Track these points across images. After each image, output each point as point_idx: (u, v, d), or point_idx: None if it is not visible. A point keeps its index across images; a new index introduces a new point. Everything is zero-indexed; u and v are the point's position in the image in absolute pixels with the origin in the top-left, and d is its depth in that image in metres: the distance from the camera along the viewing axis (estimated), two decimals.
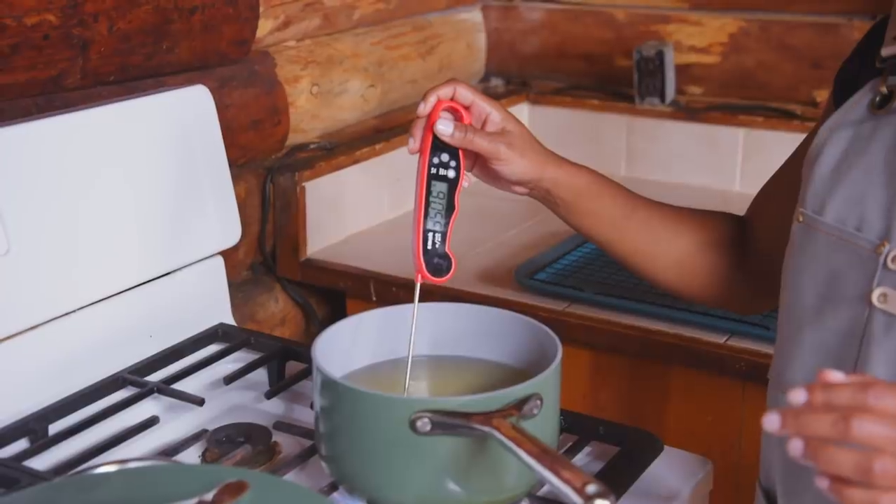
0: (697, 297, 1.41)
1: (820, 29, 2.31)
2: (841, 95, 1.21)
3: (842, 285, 1.10)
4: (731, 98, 2.43)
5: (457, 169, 1.23)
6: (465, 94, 1.25)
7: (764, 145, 2.32)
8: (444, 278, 1.23)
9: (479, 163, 1.29)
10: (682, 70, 2.44)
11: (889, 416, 0.80)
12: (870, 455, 0.78)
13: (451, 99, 1.24)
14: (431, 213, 1.22)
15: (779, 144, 2.27)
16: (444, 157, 1.23)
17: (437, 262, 1.22)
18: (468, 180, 1.26)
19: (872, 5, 2.24)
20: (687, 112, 2.41)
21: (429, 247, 1.22)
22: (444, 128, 1.21)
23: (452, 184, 1.23)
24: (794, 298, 1.17)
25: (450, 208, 1.23)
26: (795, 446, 0.82)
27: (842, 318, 1.10)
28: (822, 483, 0.80)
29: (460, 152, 1.23)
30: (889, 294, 1.05)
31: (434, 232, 1.22)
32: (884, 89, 1.12)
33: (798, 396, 0.83)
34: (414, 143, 1.23)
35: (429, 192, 1.22)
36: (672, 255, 1.38)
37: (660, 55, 2.38)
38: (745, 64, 2.40)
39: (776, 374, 1.20)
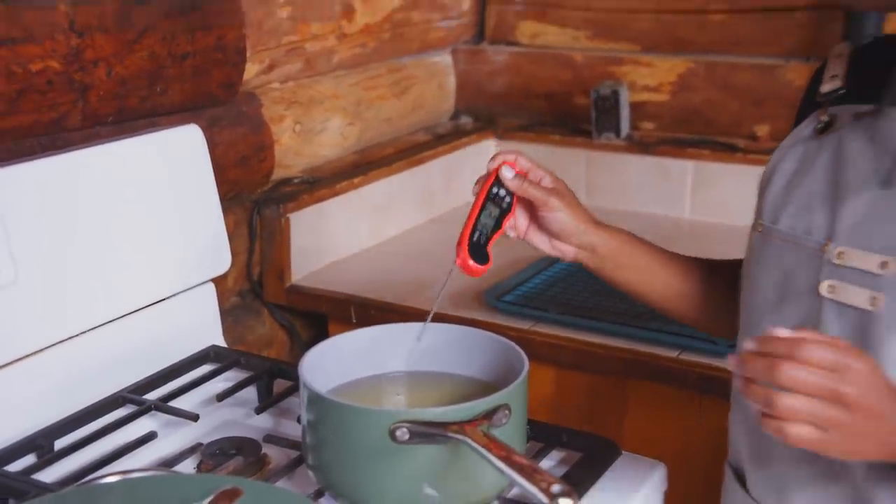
0: (692, 323, 1.45)
1: (760, 70, 2.33)
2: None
3: (795, 281, 1.16)
4: (680, 133, 2.44)
5: (510, 203, 1.29)
6: (524, 163, 1.32)
7: (711, 176, 2.35)
8: (481, 268, 1.28)
9: (531, 216, 1.33)
10: (635, 107, 2.45)
11: (814, 365, 0.93)
12: (779, 394, 0.94)
13: (514, 161, 1.30)
14: (480, 222, 1.27)
15: (724, 175, 2.32)
16: (502, 192, 1.28)
17: (479, 253, 1.27)
18: (512, 231, 1.32)
19: (807, 49, 2.27)
20: (640, 146, 2.43)
21: (474, 240, 1.26)
22: (507, 172, 1.28)
23: (504, 211, 1.28)
24: (754, 296, 1.22)
25: (496, 227, 1.28)
26: (736, 382, 0.99)
27: (798, 310, 1.15)
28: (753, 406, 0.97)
29: (515, 198, 1.29)
30: (836, 285, 1.11)
31: (482, 231, 1.27)
32: (825, 117, 1.20)
33: (749, 344, 0.97)
34: (477, 187, 1.29)
35: (482, 210, 1.27)
36: (679, 291, 1.41)
37: (615, 94, 2.39)
38: (692, 102, 2.42)
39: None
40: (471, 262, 1.26)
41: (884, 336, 1.08)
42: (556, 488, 0.96)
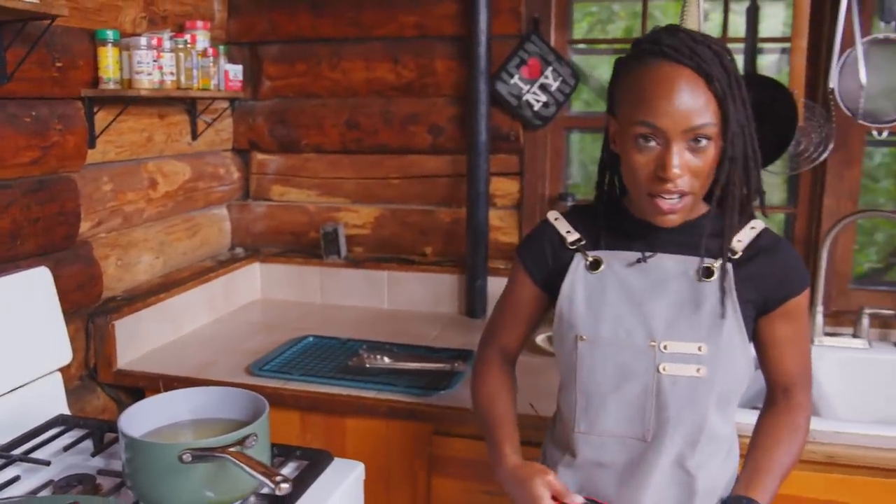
0: None
1: (423, 213, 2.43)
2: (533, 266, 1.27)
3: (632, 368, 1.16)
4: (378, 253, 2.49)
5: None
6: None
7: (399, 280, 2.44)
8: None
9: None
10: (350, 238, 2.50)
11: None
12: None
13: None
14: None
15: (407, 280, 2.41)
16: None
17: None
18: None
19: (448, 200, 2.39)
20: (354, 263, 2.47)
21: None
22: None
23: None
24: (590, 384, 1.19)
25: None
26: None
27: (636, 386, 1.17)
28: None
29: None
30: (668, 366, 1.15)
31: None
32: (590, 259, 1.21)
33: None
34: None
35: None
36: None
37: (336, 230, 2.46)
38: (384, 234, 2.48)
39: (588, 427, 1.21)
40: None
41: (709, 391, 1.15)
42: (278, 479, 1.06)
